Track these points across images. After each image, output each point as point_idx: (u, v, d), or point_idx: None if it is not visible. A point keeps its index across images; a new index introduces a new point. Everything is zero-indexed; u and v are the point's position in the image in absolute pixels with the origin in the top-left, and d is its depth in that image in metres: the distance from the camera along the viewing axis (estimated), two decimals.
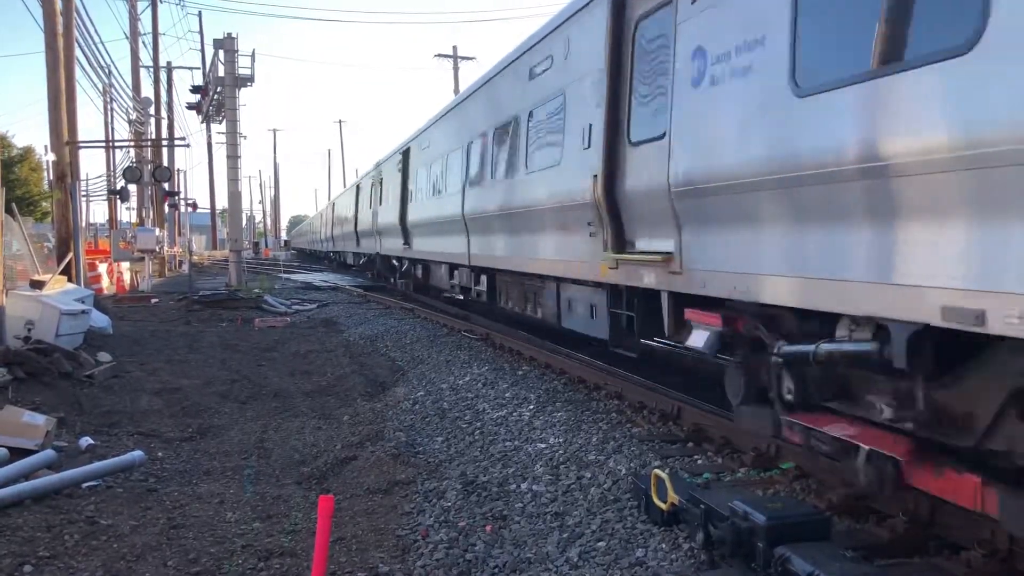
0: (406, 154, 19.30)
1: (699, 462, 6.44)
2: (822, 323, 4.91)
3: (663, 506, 5.06)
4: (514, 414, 8.25)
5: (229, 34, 27.19)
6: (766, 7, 5.05)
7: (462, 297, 15.40)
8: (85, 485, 6.46)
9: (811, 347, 4.81)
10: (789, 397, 5.12)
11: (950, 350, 4.10)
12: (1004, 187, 3.47)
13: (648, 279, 6.78)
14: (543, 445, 7.11)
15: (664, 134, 6.23)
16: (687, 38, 5.99)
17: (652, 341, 7.37)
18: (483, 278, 13.20)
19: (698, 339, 6.08)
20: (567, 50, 8.57)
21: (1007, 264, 3.50)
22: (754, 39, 5.14)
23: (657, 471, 5.23)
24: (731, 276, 5.52)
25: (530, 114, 9.72)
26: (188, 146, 68.82)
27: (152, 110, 37.97)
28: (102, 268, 23.77)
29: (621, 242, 7.25)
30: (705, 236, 5.92)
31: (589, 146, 7.70)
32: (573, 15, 8.40)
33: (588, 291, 8.62)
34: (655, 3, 6.56)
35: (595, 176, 7.38)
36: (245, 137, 50.22)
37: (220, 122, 31.39)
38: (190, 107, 36.22)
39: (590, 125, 7.69)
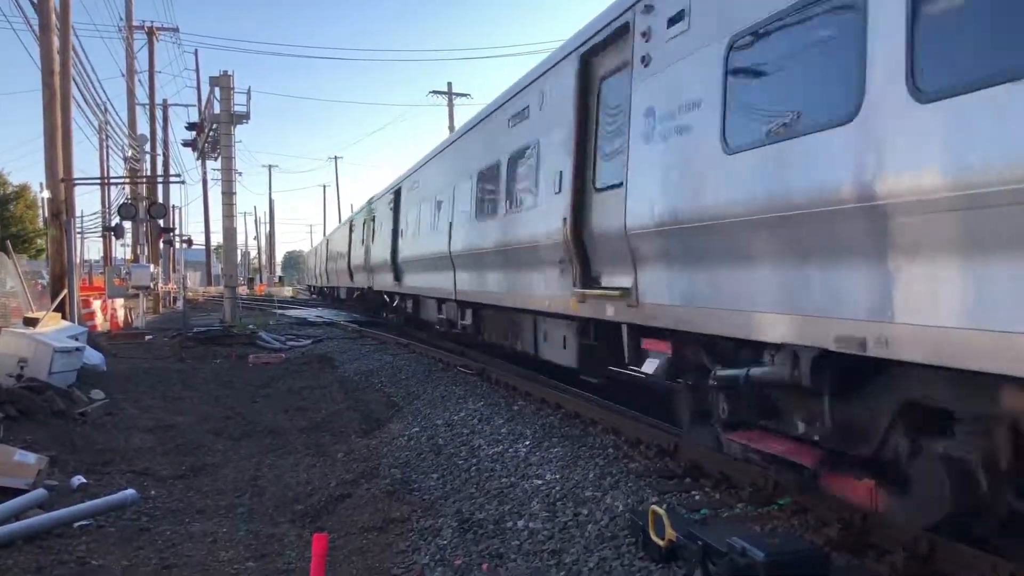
0: None
1: (697, 498, 6.40)
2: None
3: (661, 543, 5.02)
4: (510, 450, 8.20)
5: (225, 71, 27.46)
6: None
7: None
8: (77, 525, 6.39)
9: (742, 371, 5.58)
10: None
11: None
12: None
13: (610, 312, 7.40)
14: (539, 481, 7.07)
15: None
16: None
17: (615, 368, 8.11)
18: None
19: (650, 366, 6.80)
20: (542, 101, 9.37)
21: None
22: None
23: (654, 507, 5.21)
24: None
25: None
26: (183, 183, 69.28)
27: (148, 147, 38.18)
28: (96, 305, 23.71)
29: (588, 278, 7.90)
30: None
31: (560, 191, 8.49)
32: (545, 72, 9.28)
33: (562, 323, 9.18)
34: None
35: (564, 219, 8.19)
36: (241, 173, 50.47)
37: (216, 159, 31.58)
38: (186, 144, 36.51)
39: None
